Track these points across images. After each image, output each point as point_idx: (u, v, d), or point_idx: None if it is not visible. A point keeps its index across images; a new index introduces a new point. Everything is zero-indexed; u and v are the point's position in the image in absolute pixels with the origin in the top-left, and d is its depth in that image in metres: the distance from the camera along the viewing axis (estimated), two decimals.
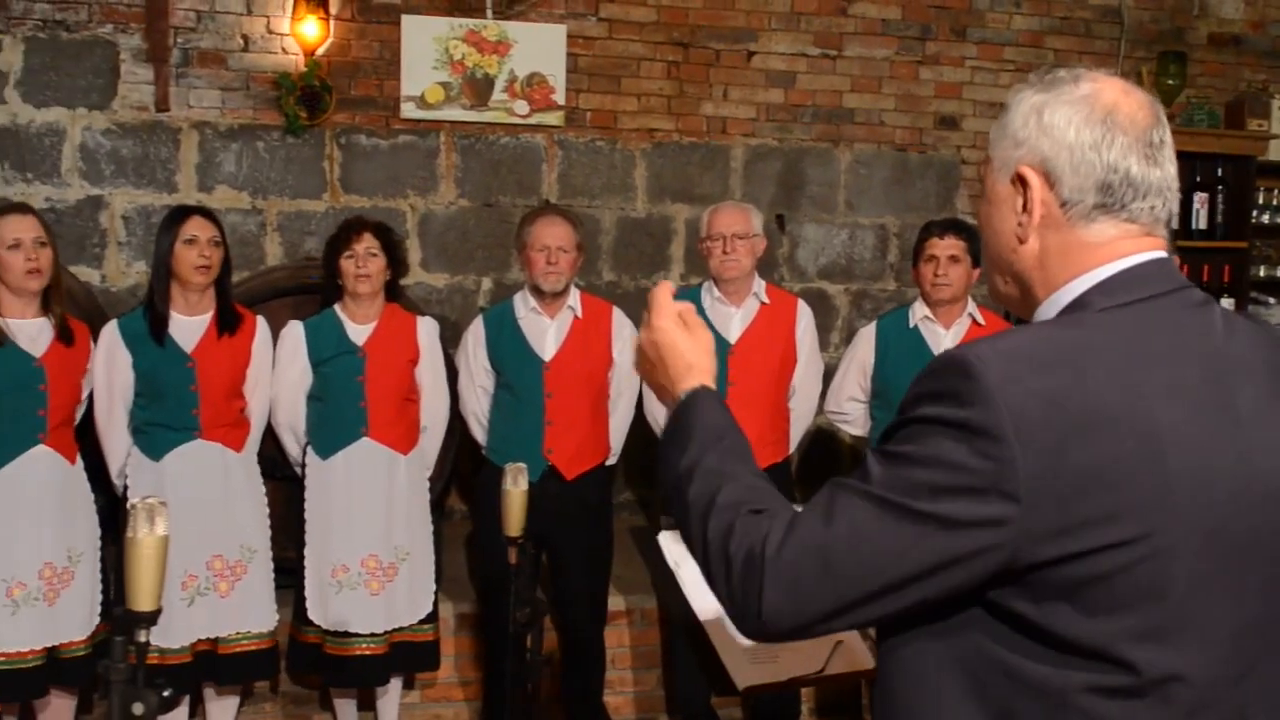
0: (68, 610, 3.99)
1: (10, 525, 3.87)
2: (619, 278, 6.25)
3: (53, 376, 3.94)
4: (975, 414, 1.35)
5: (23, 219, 3.92)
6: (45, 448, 3.95)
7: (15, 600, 3.88)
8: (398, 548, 4.32)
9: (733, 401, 4.43)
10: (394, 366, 4.33)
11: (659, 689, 5.11)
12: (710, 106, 6.28)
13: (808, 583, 1.41)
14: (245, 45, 5.71)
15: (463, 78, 5.90)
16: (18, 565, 3.89)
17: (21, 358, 3.88)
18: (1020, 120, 1.54)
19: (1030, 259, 1.53)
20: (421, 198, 5.98)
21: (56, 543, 3.97)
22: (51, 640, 3.96)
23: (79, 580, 4.02)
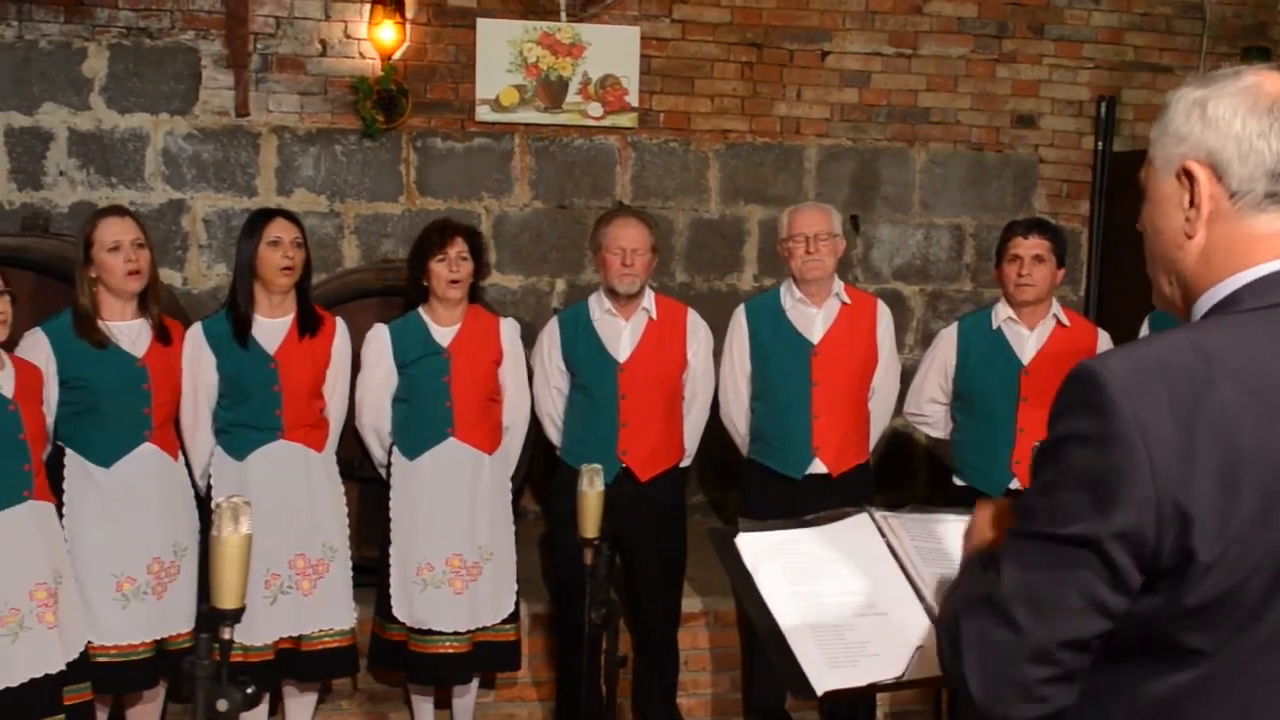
0: (174, 603, 4.07)
1: (120, 521, 3.95)
2: (692, 279, 6.24)
3: (155, 375, 4.01)
4: (1103, 424, 1.37)
5: (121, 221, 3.99)
6: (151, 445, 4.02)
7: (125, 595, 3.96)
8: (481, 547, 4.34)
9: (818, 403, 4.46)
10: (478, 367, 4.35)
11: (734, 692, 5.09)
12: (784, 107, 6.25)
13: (996, 647, 1.44)
14: (323, 50, 5.78)
15: (537, 80, 5.93)
16: (128, 560, 3.96)
17: (125, 359, 3.96)
18: (1182, 116, 1.52)
19: (1194, 255, 1.52)
20: (496, 200, 6.02)
21: (164, 538, 4.05)
22: (160, 633, 4.05)
23: (184, 574, 4.11)
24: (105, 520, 3.94)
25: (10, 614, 3.55)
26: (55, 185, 5.65)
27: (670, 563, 4.63)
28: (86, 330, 3.92)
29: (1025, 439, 4.30)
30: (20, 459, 3.60)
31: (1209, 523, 1.34)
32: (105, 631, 3.92)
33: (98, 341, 3.92)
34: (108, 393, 3.93)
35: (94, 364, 3.91)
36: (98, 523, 3.92)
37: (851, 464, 4.50)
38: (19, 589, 3.58)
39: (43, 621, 3.62)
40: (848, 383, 4.50)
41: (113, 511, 3.95)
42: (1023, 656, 1.42)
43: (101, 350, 3.92)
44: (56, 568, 3.69)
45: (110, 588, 3.94)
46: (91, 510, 3.92)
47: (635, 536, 4.36)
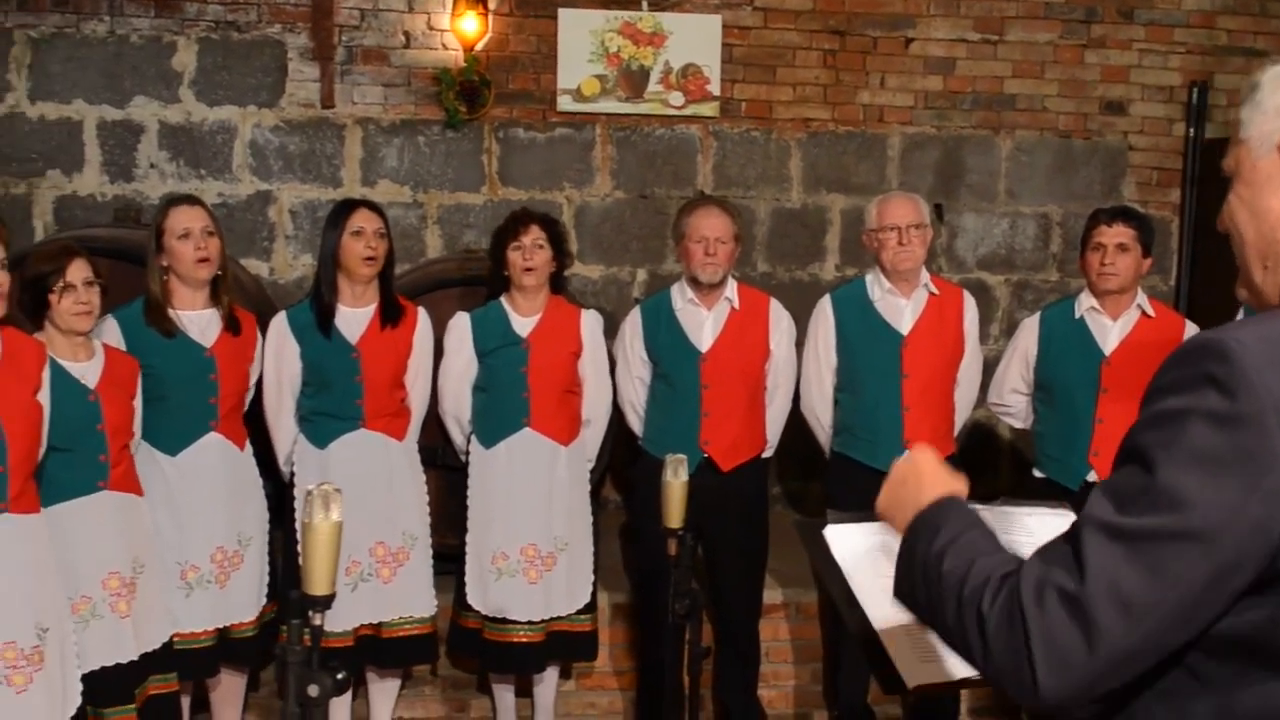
0: (238, 592, 4.11)
1: (184, 510, 3.99)
2: (773, 269, 6.21)
3: (223, 366, 4.05)
4: (1235, 403, 1.26)
5: (191, 209, 4.03)
6: (217, 435, 4.05)
7: (189, 583, 4.01)
8: (557, 538, 4.35)
9: (909, 395, 4.40)
10: (557, 358, 4.36)
11: (815, 684, 5.06)
12: (867, 95, 6.20)
13: (1073, 646, 1.32)
14: (407, 42, 5.83)
15: (618, 70, 5.93)
16: (191, 549, 4.01)
17: (193, 348, 4.00)
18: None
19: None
20: (577, 190, 6.03)
21: (228, 527, 4.08)
22: (223, 621, 4.09)
23: (248, 563, 4.14)
24: (170, 509, 3.98)
25: (82, 601, 3.60)
26: (146, 177, 5.76)
27: (752, 554, 4.60)
28: (156, 319, 3.96)
29: (1104, 430, 4.22)
30: (96, 450, 3.64)
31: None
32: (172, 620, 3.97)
33: (166, 330, 3.96)
34: (174, 381, 3.97)
35: (162, 352, 3.95)
36: (163, 511, 3.96)
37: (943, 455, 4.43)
38: (91, 577, 3.62)
39: (115, 611, 3.66)
40: (937, 374, 4.44)
41: (178, 500, 4.00)
42: (1103, 659, 1.31)
43: (170, 339, 3.97)
44: (135, 558, 3.74)
45: (175, 575, 3.99)
46: (158, 498, 3.95)
47: (717, 527, 4.35)
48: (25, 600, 3.31)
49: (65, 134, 5.71)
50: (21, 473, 3.31)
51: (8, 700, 3.26)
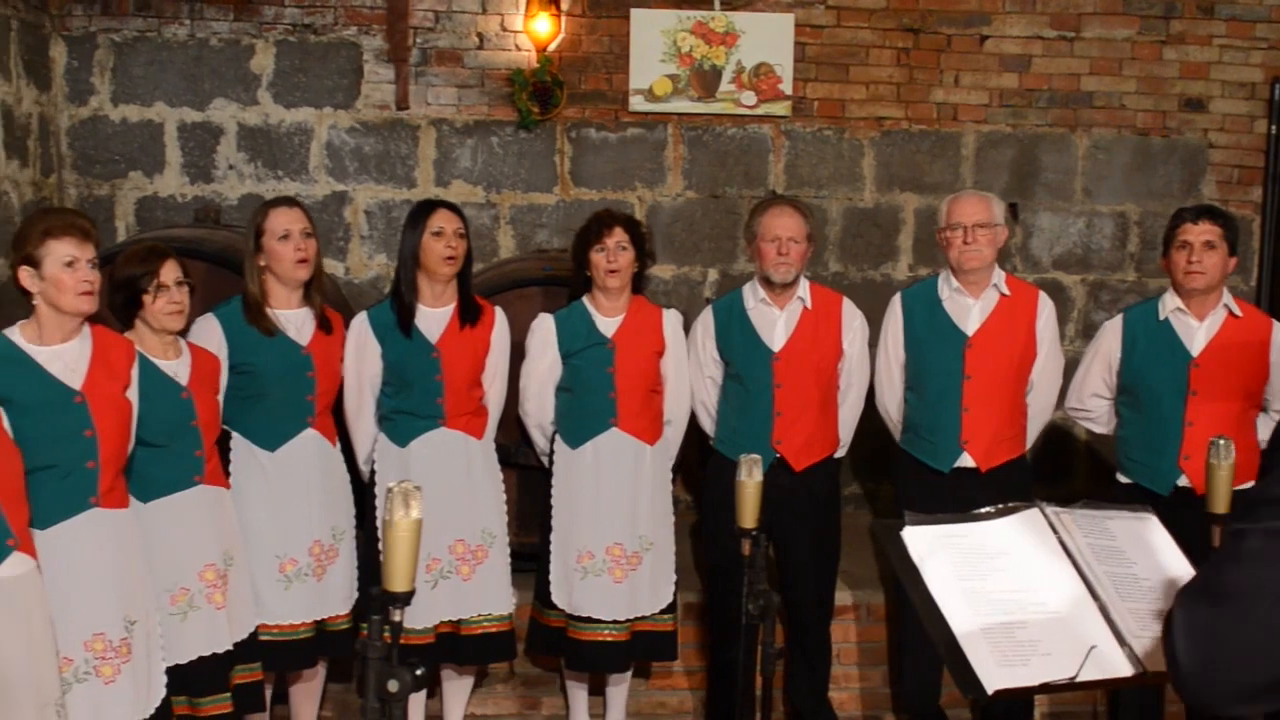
0: (333, 585, 4.18)
1: (283, 505, 4.06)
2: (845, 269, 6.18)
3: (318, 363, 4.11)
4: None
5: (291, 211, 4.10)
6: (313, 431, 4.13)
7: (287, 576, 4.08)
8: (641, 537, 4.36)
9: (969, 396, 4.38)
10: (642, 358, 4.37)
11: (885, 686, 5.04)
12: (941, 93, 6.15)
13: (1220, 654, 1.34)
14: (480, 43, 5.88)
15: (690, 70, 5.93)
16: (290, 542, 4.08)
17: (291, 346, 4.07)
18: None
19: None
20: (649, 190, 6.04)
21: (323, 521, 4.15)
22: (319, 614, 4.16)
23: (342, 557, 4.21)
24: (269, 503, 4.05)
25: (180, 593, 3.69)
26: (225, 178, 5.86)
27: (825, 554, 4.59)
28: (255, 317, 4.03)
29: (1194, 433, 4.15)
30: (192, 445, 3.73)
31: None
32: (268, 611, 4.04)
33: (266, 329, 4.03)
34: (273, 379, 4.04)
35: (262, 350, 4.02)
36: (262, 505, 4.04)
37: (1003, 459, 4.39)
38: (188, 570, 3.71)
39: (211, 602, 3.74)
40: (1002, 376, 4.39)
41: (276, 494, 4.06)
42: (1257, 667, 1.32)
43: (270, 337, 4.03)
44: (226, 550, 3.82)
45: (274, 569, 4.06)
46: (256, 493, 4.03)
47: (789, 527, 4.34)
48: (115, 593, 3.40)
49: (147, 136, 5.82)
50: (112, 468, 3.40)
51: (96, 691, 3.34)
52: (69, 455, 3.29)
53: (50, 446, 3.23)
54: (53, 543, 3.19)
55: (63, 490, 3.27)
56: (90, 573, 3.33)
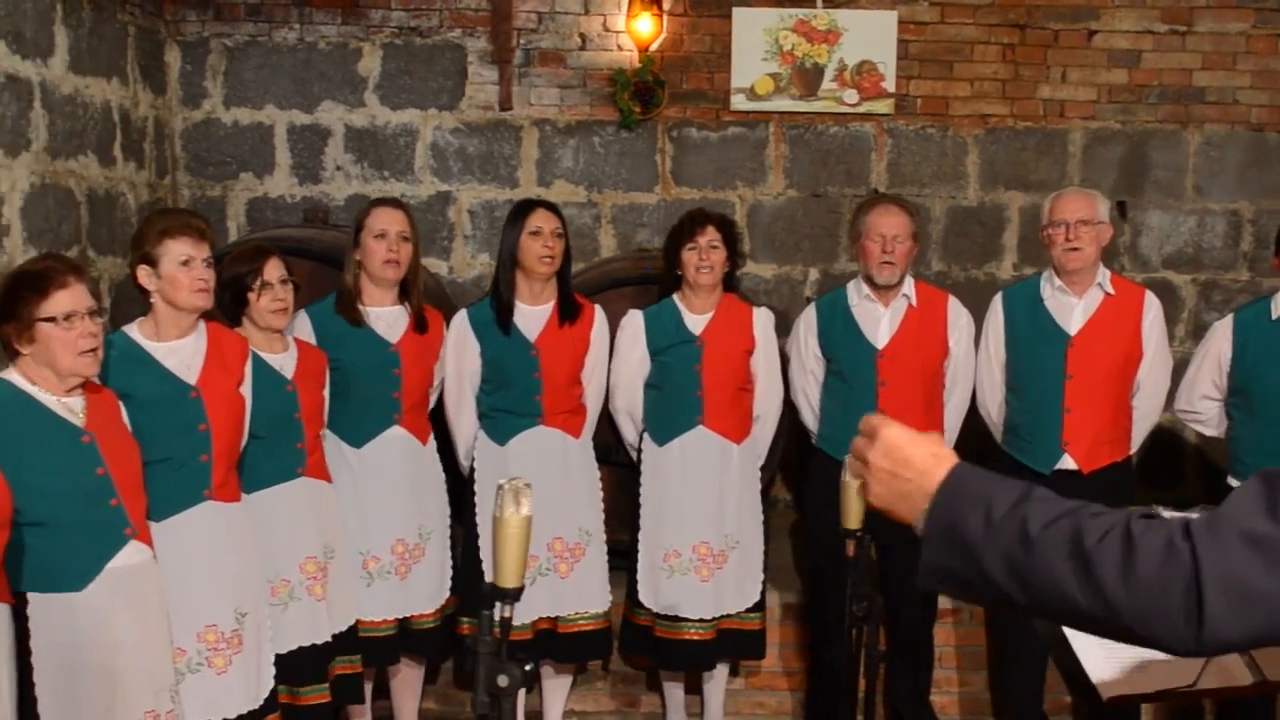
0: (418, 584, 4.22)
1: (367, 502, 4.12)
2: (949, 268, 6.12)
3: (407, 361, 4.16)
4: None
5: (393, 213, 4.16)
6: (400, 429, 4.17)
7: (370, 573, 4.14)
8: (728, 536, 4.36)
9: (1071, 396, 4.31)
10: (730, 356, 4.37)
11: (986, 691, 4.98)
12: (1047, 89, 6.05)
13: (1255, 581, 1.27)
14: (583, 44, 5.91)
15: (792, 68, 5.91)
16: (373, 540, 4.13)
17: (378, 343, 4.13)
18: None
19: None
20: (750, 189, 6.03)
21: (408, 520, 4.20)
22: (402, 612, 4.20)
23: (429, 556, 4.25)
24: (354, 499, 4.10)
25: (281, 584, 3.76)
26: (332, 179, 5.96)
27: None
28: (345, 308, 4.11)
29: None
30: (294, 437, 3.81)
31: None
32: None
33: (354, 319, 4.10)
34: (359, 375, 4.10)
35: (349, 346, 4.09)
36: (348, 501, 4.09)
37: (1106, 462, 4.31)
38: (289, 561, 3.78)
39: (311, 594, 3.81)
40: (1106, 377, 4.31)
41: (362, 491, 4.12)
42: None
43: (357, 330, 4.10)
44: (327, 543, 3.88)
45: (357, 565, 4.11)
46: (342, 488, 4.08)
47: (892, 528, 4.26)
48: (227, 585, 3.48)
49: (257, 138, 5.95)
50: (225, 462, 3.48)
51: (208, 681, 3.42)
52: (184, 449, 3.38)
53: (166, 440, 3.32)
54: (167, 534, 3.27)
55: (177, 483, 3.36)
56: (203, 565, 3.41)
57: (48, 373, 2.93)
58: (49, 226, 4.56)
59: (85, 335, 2.92)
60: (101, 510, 2.98)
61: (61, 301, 2.89)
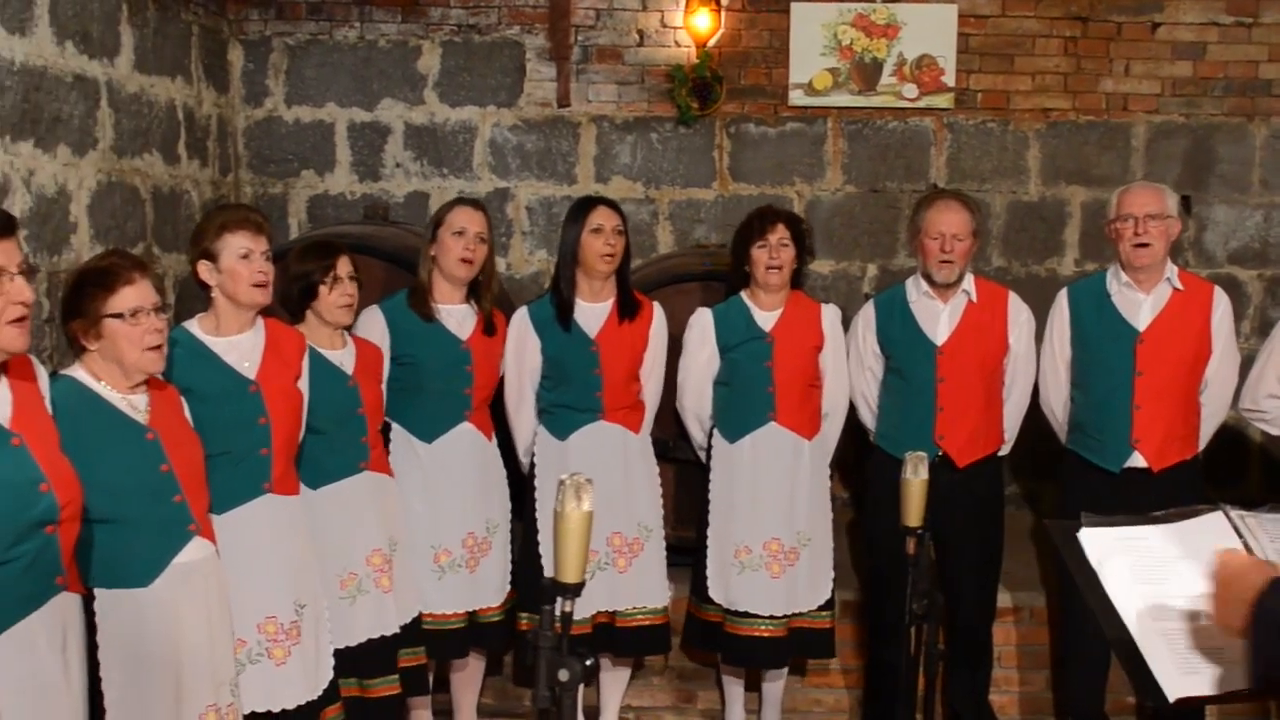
0: (486, 577, 4.25)
1: (438, 496, 4.14)
2: (1009, 264, 6.07)
3: (477, 359, 4.18)
4: None
5: (473, 213, 4.19)
6: (469, 425, 4.20)
7: (441, 566, 4.16)
8: (799, 533, 4.35)
9: (1141, 393, 4.24)
10: (800, 353, 4.36)
11: (1047, 691, 4.92)
12: (1110, 83, 5.98)
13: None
14: (640, 40, 5.92)
15: (851, 63, 5.88)
16: (444, 534, 4.16)
17: (450, 340, 4.15)
18: None
19: None
20: (808, 184, 6.02)
21: (477, 514, 4.22)
22: (472, 605, 4.23)
23: (495, 550, 4.28)
24: (425, 494, 4.13)
25: (349, 578, 3.79)
26: (392, 176, 6.02)
27: (987, 555, 4.50)
28: (417, 303, 4.13)
29: None
30: (358, 432, 3.84)
31: None
32: (423, 600, 4.11)
33: (426, 315, 4.12)
34: (431, 371, 4.13)
35: (422, 342, 4.12)
36: (418, 496, 4.11)
37: (1175, 459, 4.26)
38: (357, 554, 3.81)
39: (378, 586, 3.84)
40: (1175, 373, 4.25)
41: (432, 486, 4.14)
42: None
43: (429, 326, 4.12)
44: (392, 536, 3.92)
45: (428, 559, 4.14)
46: (413, 483, 4.11)
47: (950, 526, 4.25)
48: (286, 577, 3.50)
49: (318, 136, 6.01)
50: (284, 456, 3.51)
51: (268, 672, 3.45)
52: (243, 443, 3.40)
53: (226, 434, 3.34)
54: (228, 527, 3.29)
55: (237, 476, 3.38)
56: (263, 557, 3.43)
57: (113, 369, 2.96)
58: (115, 224, 4.63)
59: (151, 331, 2.94)
60: (165, 507, 3.01)
61: (128, 298, 2.92)
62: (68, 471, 2.66)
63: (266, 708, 3.44)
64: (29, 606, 2.57)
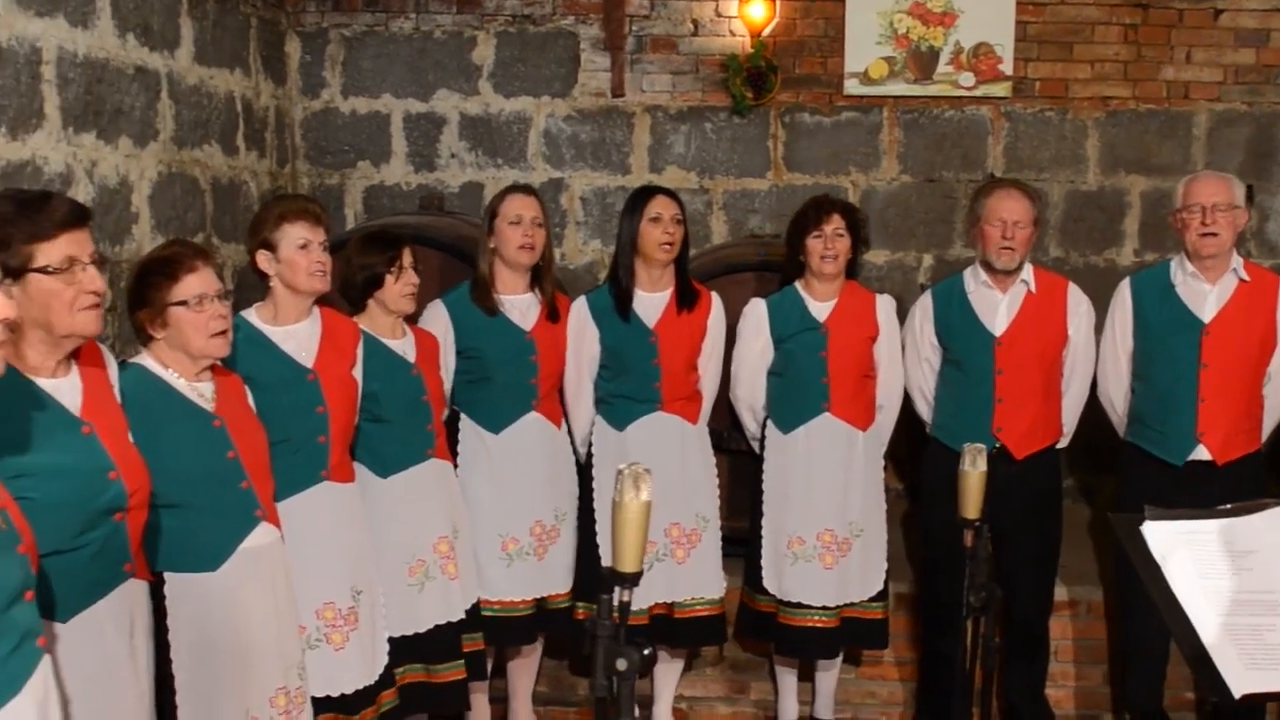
0: (554, 565, 4.28)
1: (506, 485, 4.17)
2: (1067, 254, 6.00)
3: (542, 348, 4.20)
4: None
5: (526, 199, 4.20)
6: (537, 414, 4.22)
7: (510, 554, 4.19)
8: (853, 524, 4.34)
9: (1206, 386, 4.18)
10: (855, 343, 4.34)
11: (1104, 685, 4.88)
12: (1171, 70, 5.90)
13: None
14: (695, 30, 5.91)
15: (907, 51, 5.84)
16: (513, 522, 4.19)
17: (514, 331, 4.17)
18: None
19: None
20: (863, 174, 5.98)
21: (546, 502, 4.25)
22: (540, 592, 4.26)
23: (563, 537, 4.30)
24: (494, 482, 4.16)
25: (417, 565, 3.83)
26: (447, 167, 6.04)
27: (1045, 548, 4.46)
28: (481, 296, 4.15)
29: None
30: (424, 419, 3.87)
31: None
32: (490, 587, 4.15)
33: (489, 308, 4.14)
34: (497, 362, 4.15)
35: (486, 334, 4.14)
36: (486, 485, 4.15)
37: (1240, 453, 4.20)
38: (424, 541, 3.85)
39: (444, 573, 3.88)
40: (1241, 366, 4.19)
41: (500, 475, 4.17)
42: None
43: (492, 318, 4.14)
44: (454, 523, 3.95)
45: (496, 546, 4.17)
46: (482, 472, 4.15)
47: (1008, 519, 4.22)
48: (343, 564, 3.55)
49: (374, 127, 6.05)
50: (340, 444, 3.55)
51: (326, 658, 3.49)
52: (302, 431, 3.45)
53: (284, 422, 3.37)
54: (286, 514, 3.31)
55: (295, 464, 3.42)
56: (321, 544, 3.47)
57: (180, 356, 2.99)
58: (175, 214, 4.69)
59: (216, 317, 2.98)
60: (232, 493, 3.04)
61: (191, 285, 2.95)
62: (136, 460, 2.69)
63: (325, 693, 3.48)
64: (97, 593, 2.61)
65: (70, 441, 2.56)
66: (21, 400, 2.50)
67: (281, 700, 3.12)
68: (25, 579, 2.07)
